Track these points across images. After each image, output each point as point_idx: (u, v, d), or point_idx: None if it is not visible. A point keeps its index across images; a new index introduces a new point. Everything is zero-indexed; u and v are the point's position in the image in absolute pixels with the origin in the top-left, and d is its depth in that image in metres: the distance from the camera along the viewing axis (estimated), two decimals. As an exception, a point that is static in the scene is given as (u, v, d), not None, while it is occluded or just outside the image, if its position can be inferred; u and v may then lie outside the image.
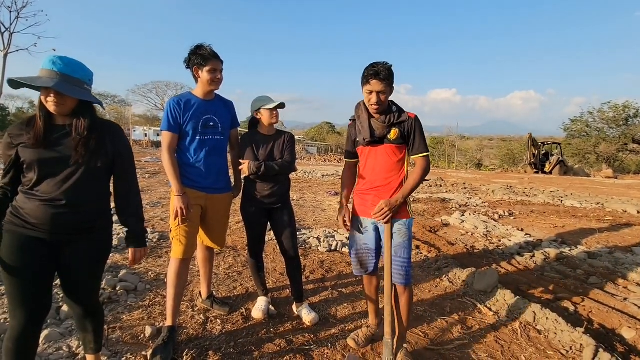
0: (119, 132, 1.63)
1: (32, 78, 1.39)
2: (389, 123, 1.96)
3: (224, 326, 2.36)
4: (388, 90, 1.91)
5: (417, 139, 1.97)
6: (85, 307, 1.61)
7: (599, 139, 31.26)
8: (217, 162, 2.28)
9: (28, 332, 1.43)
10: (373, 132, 1.98)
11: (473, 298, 2.93)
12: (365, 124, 2.01)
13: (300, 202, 7.37)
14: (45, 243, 1.45)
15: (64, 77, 1.40)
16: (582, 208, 7.94)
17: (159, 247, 3.86)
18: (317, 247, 4.13)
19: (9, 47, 14.14)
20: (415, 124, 1.97)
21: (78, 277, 1.56)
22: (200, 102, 2.21)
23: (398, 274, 1.97)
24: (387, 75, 1.87)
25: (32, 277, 1.42)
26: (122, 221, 1.67)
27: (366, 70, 1.90)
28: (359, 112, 2.07)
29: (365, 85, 1.91)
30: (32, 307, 1.43)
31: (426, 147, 1.98)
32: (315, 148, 46.11)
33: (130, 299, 2.66)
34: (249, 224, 2.49)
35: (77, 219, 1.48)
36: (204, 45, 2.16)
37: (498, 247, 4.53)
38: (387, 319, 1.93)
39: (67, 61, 1.42)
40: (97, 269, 1.63)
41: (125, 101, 47.29)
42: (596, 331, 2.48)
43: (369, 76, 1.88)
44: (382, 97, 1.90)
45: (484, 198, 9.12)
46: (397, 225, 1.98)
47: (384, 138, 1.98)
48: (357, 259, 2.15)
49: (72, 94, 1.40)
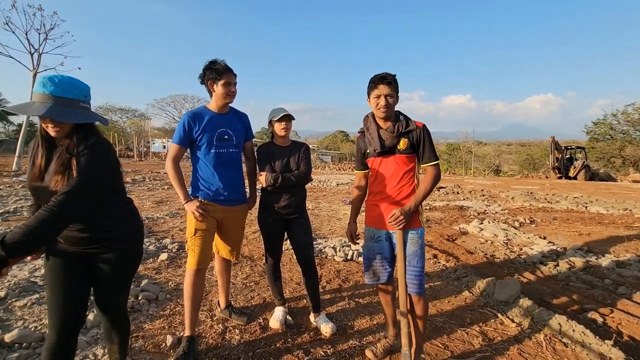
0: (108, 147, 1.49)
1: (23, 107, 1.32)
2: (397, 132, 1.99)
3: (242, 336, 2.39)
4: (395, 95, 1.97)
5: (427, 148, 1.99)
6: (112, 317, 1.67)
7: (624, 141, 30.04)
8: (233, 175, 2.33)
9: (61, 344, 1.50)
10: (383, 142, 2.02)
11: (494, 309, 2.85)
12: (374, 134, 2.05)
13: (316, 211, 7.39)
14: (79, 255, 1.54)
15: (57, 100, 1.32)
16: (608, 214, 7.62)
17: (178, 257, 3.94)
18: (333, 256, 4.13)
19: (38, 67, 14.92)
20: (423, 133, 1.99)
21: (104, 287, 1.62)
22: (215, 116, 2.27)
23: (412, 283, 1.96)
24: (392, 80, 1.95)
25: (67, 289, 1.50)
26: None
27: (372, 77, 1.99)
28: (368, 124, 2.12)
29: (373, 90, 1.98)
30: (65, 319, 1.50)
31: (436, 156, 2.01)
32: (329, 157, 46.21)
33: (152, 309, 2.73)
34: (266, 234, 2.53)
35: (90, 236, 1.50)
36: (218, 60, 2.23)
37: (519, 255, 4.40)
38: (404, 330, 1.91)
39: (57, 81, 1.33)
40: (123, 279, 1.66)
41: (144, 115, 48.93)
42: (626, 343, 2.37)
43: (376, 81, 1.96)
44: (390, 100, 1.96)
45: (503, 205, 8.90)
46: (410, 234, 1.98)
47: (394, 148, 2.01)
48: (370, 268, 2.15)
49: (64, 119, 1.31)
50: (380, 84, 1.95)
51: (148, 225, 5.42)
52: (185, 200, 2.19)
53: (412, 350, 1.95)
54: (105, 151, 1.45)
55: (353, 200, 2.31)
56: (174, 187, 2.25)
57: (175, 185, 2.20)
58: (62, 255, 1.52)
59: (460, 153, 38.56)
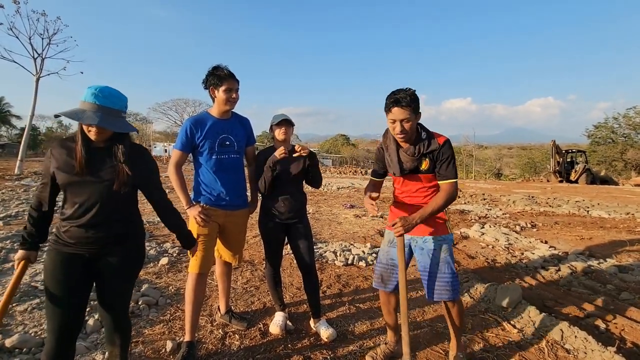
0: (147, 154, 1.76)
1: (76, 114, 1.45)
2: (418, 155, 1.88)
3: (242, 341, 2.38)
4: (413, 117, 1.81)
5: (444, 165, 1.88)
6: (116, 318, 1.68)
7: (626, 145, 30.01)
8: (235, 180, 2.34)
9: (60, 348, 1.50)
10: (402, 165, 1.92)
11: (495, 314, 2.84)
12: (394, 157, 1.94)
13: (316, 215, 7.38)
14: (83, 258, 1.56)
15: (106, 110, 1.47)
16: (610, 218, 7.59)
17: (179, 262, 3.94)
18: (333, 261, 4.11)
19: (40, 72, 15.03)
20: (444, 151, 1.88)
21: (112, 285, 1.64)
22: (216, 122, 2.28)
23: (445, 290, 1.95)
24: (409, 102, 1.76)
25: (67, 293, 1.51)
26: (172, 231, 1.91)
27: (387, 98, 1.83)
28: (387, 142, 1.99)
29: (387, 113, 1.84)
30: (64, 323, 1.50)
31: (454, 173, 1.89)
32: (330, 160, 46.22)
33: (152, 314, 2.72)
34: (267, 239, 2.53)
35: (110, 233, 1.59)
36: (221, 66, 2.24)
37: (521, 260, 4.38)
38: (405, 339, 1.87)
39: (107, 93, 1.48)
40: (129, 278, 1.71)
41: (146, 118, 49.13)
42: (629, 350, 2.35)
43: (390, 104, 1.80)
44: (406, 126, 1.81)
45: (504, 209, 8.88)
46: (438, 242, 1.96)
47: (416, 169, 1.93)
48: (379, 272, 2.14)
49: (114, 128, 1.48)
50: (394, 107, 1.78)
51: (149, 229, 5.42)
52: (188, 206, 2.19)
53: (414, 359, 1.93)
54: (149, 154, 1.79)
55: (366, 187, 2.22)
56: (175, 192, 2.26)
57: (177, 191, 2.20)
58: (65, 259, 1.54)
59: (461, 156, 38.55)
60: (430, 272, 1.99)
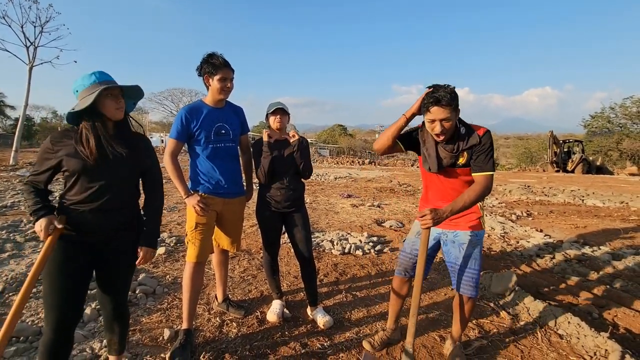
0: (148, 141, 1.81)
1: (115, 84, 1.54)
2: (457, 151, 1.82)
3: (239, 329, 2.40)
4: (453, 115, 1.73)
5: (483, 157, 1.79)
6: (116, 305, 1.68)
7: (621, 135, 30.12)
8: (231, 168, 2.33)
9: (60, 338, 1.50)
10: (440, 161, 1.84)
11: (490, 301, 2.87)
12: (432, 151, 1.85)
13: (313, 204, 7.39)
14: (87, 246, 1.55)
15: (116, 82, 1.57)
16: (605, 207, 7.66)
17: (176, 251, 3.94)
18: (330, 250, 4.13)
19: (33, 61, 14.74)
20: (483, 142, 1.79)
21: (117, 272, 1.65)
22: (211, 110, 2.25)
23: (468, 285, 1.96)
24: (449, 100, 1.68)
25: (72, 286, 1.50)
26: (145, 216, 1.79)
27: (426, 97, 1.74)
28: (425, 136, 1.90)
29: (426, 113, 1.76)
30: (66, 314, 1.49)
31: (491, 166, 1.80)
32: (327, 150, 46.10)
33: (149, 302, 2.73)
34: (264, 228, 2.52)
35: (121, 220, 1.62)
36: (216, 53, 2.19)
37: (516, 248, 4.43)
38: (411, 330, 1.88)
39: (104, 73, 1.57)
40: (132, 266, 1.72)
41: (142, 109, 48.52)
42: (622, 336, 2.39)
43: (429, 104, 1.71)
44: (446, 125, 1.73)
45: (500, 198, 8.93)
46: (469, 236, 1.95)
47: (454, 164, 1.86)
48: (402, 261, 2.15)
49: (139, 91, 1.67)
50: (433, 106, 1.70)
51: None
52: (186, 195, 2.18)
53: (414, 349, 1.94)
54: None
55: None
56: (171, 182, 2.24)
57: (174, 180, 2.18)
58: (69, 248, 1.51)
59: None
60: (460, 265, 1.99)
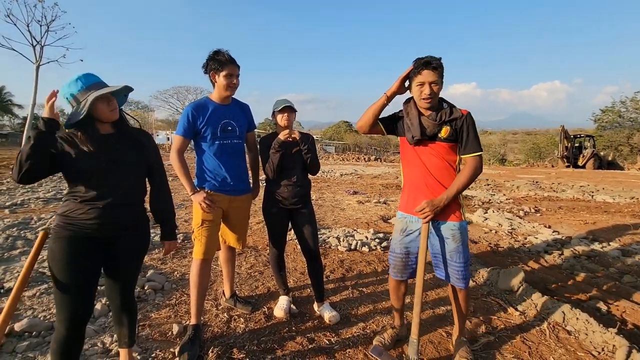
0: (150, 136, 1.83)
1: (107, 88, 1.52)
2: (440, 120, 1.85)
3: (247, 324, 2.42)
4: (440, 81, 1.81)
5: (470, 137, 1.85)
6: (125, 299, 1.72)
7: (632, 129, 29.59)
8: (237, 165, 2.34)
9: (72, 334, 1.52)
10: (424, 129, 1.87)
11: (498, 297, 2.86)
12: (415, 120, 1.89)
13: (319, 201, 7.40)
14: (96, 242, 1.56)
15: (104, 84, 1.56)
16: (615, 203, 7.55)
17: (184, 248, 3.98)
18: (336, 246, 4.14)
19: (40, 60, 14.92)
20: (468, 121, 1.85)
21: (126, 268, 1.69)
22: (218, 107, 2.26)
23: (455, 277, 1.96)
24: (438, 65, 1.77)
25: (83, 282, 1.52)
26: (158, 218, 1.87)
27: (416, 61, 1.81)
28: (408, 109, 1.95)
29: (417, 76, 1.81)
30: (77, 310, 1.51)
31: (479, 146, 1.86)
32: (333, 147, 46.03)
33: (158, 298, 2.77)
34: (271, 224, 2.54)
35: (131, 216, 1.65)
36: (222, 50, 2.19)
37: (524, 245, 4.39)
38: (415, 321, 1.88)
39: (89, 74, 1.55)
40: (139, 261, 1.77)
41: (148, 107, 48.92)
42: (630, 332, 2.37)
43: (420, 66, 1.78)
44: (434, 88, 1.80)
45: (508, 194, 8.85)
46: (450, 229, 1.91)
47: (435, 136, 1.88)
48: (394, 263, 2.09)
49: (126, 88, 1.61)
50: (424, 69, 1.76)
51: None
52: (192, 192, 2.19)
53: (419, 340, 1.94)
54: None
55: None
56: (177, 179, 2.26)
57: (181, 177, 2.20)
58: (79, 246, 1.51)
59: (465, 142, 38.25)
60: (445, 259, 1.97)
